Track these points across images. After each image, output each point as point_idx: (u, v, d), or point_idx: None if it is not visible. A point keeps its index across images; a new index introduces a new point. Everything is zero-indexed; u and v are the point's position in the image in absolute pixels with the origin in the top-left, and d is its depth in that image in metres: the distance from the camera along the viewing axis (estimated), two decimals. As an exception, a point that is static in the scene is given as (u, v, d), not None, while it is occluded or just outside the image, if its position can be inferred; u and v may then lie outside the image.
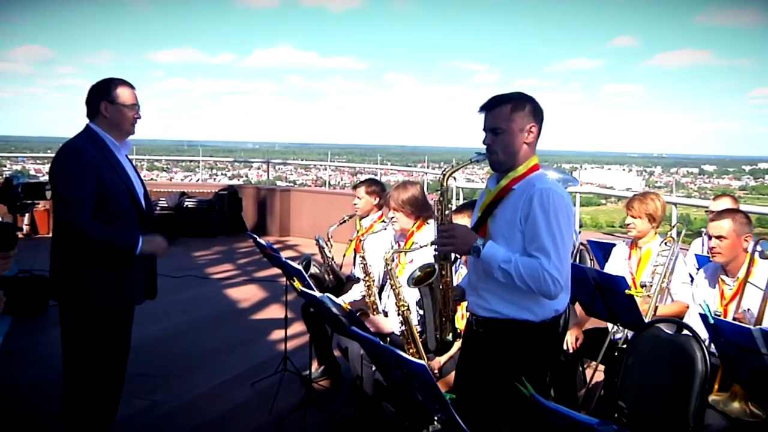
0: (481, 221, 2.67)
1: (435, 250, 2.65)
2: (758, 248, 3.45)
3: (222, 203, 11.92)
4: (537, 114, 2.64)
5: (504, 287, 2.55)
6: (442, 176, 2.62)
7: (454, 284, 2.79)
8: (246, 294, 7.63)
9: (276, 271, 5.82)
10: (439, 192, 2.63)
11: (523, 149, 2.61)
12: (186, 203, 11.60)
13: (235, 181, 19.10)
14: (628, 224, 4.09)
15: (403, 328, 3.64)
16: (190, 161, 22.32)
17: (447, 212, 2.62)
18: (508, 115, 2.58)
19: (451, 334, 2.66)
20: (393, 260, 3.82)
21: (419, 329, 2.80)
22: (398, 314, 3.67)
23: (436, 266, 2.60)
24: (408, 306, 3.63)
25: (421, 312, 2.76)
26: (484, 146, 2.63)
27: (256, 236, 4.71)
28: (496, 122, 2.59)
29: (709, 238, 3.53)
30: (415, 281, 2.68)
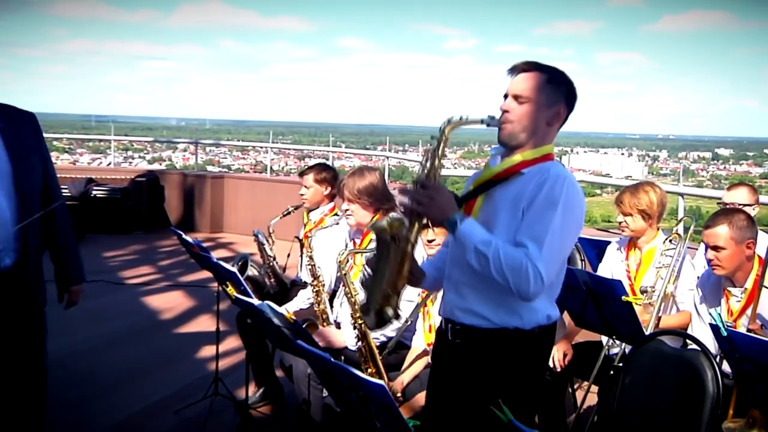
0: (471, 196, 2.65)
1: (403, 204, 2.58)
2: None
3: (139, 192, 11.75)
4: (571, 98, 2.66)
5: (489, 283, 2.51)
6: (446, 123, 2.54)
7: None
8: (169, 302, 7.56)
9: (205, 274, 5.75)
10: (436, 140, 2.55)
11: (542, 130, 2.62)
12: (94, 192, 11.39)
13: (155, 166, 18.88)
14: (620, 223, 4.16)
15: (360, 343, 3.64)
16: (100, 141, 21.96)
17: (438, 165, 2.54)
18: (541, 84, 2.59)
19: (392, 311, 2.55)
20: (347, 262, 3.82)
21: (361, 298, 2.69)
22: (354, 327, 3.67)
23: (405, 221, 2.52)
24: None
25: (369, 272, 2.66)
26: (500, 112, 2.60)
27: (181, 232, 4.66)
28: (524, 88, 2.59)
29: (706, 248, 3.59)
30: (378, 229, 2.57)
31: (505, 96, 2.63)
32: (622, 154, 51.97)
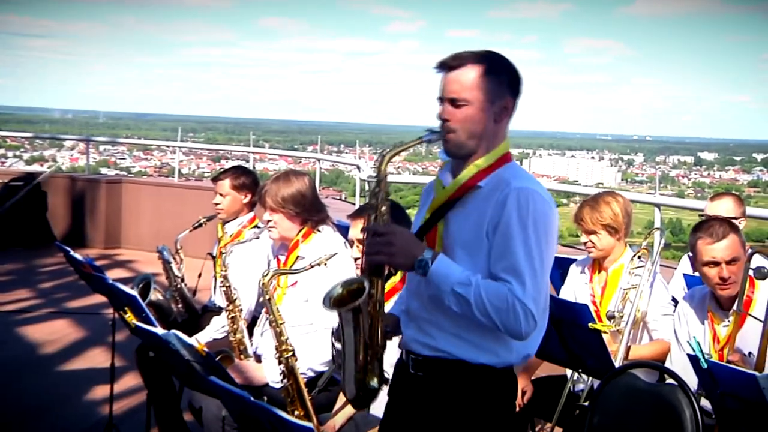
0: (429, 226, 2.71)
1: (362, 258, 2.65)
2: (752, 265, 3.60)
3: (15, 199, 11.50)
4: (515, 85, 2.71)
5: (458, 320, 2.59)
6: (379, 159, 2.64)
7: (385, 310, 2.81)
8: (53, 332, 7.43)
9: (98, 298, 5.68)
10: (375, 181, 2.64)
11: (492, 131, 2.67)
12: (-43, 199, 11.11)
13: (36, 167, 18.46)
14: (585, 243, 4.24)
15: (285, 380, 3.65)
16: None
17: (383, 209, 2.62)
18: (478, 80, 2.63)
19: (376, 379, 2.67)
20: (271, 284, 3.83)
21: (334, 372, 2.79)
22: (279, 361, 3.68)
23: (366, 283, 2.59)
24: (293, 351, 3.64)
25: (339, 346, 2.75)
26: (438, 121, 2.66)
27: (68, 249, 4.59)
28: (459, 89, 2.63)
29: (692, 265, 3.71)
30: (334, 302, 2.65)
31: (440, 99, 2.67)
32: (593, 157, 52.97)
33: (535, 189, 2.60)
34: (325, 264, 3.73)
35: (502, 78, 2.67)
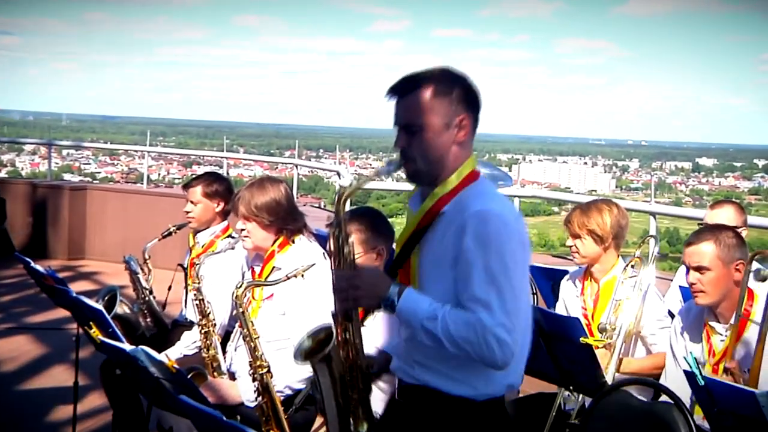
0: (403, 258, 2.75)
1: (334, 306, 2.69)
2: (752, 268, 3.64)
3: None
4: (470, 99, 2.74)
5: (433, 352, 2.63)
6: (337, 199, 2.69)
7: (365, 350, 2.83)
8: (12, 349, 7.40)
9: (61, 312, 5.66)
10: (333, 223, 2.68)
11: (452, 152, 2.71)
12: None
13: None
14: (571, 248, 4.29)
15: (261, 398, 3.65)
16: None
17: (346, 251, 2.67)
18: (428, 103, 2.67)
19: (365, 425, 2.71)
20: (245, 296, 3.84)
21: (311, 391, 2.86)
22: (253, 378, 3.68)
23: (333, 329, 2.67)
24: (268, 367, 3.65)
25: (319, 396, 2.81)
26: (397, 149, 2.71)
27: (29, 260, 4.58)
28: (411, 116, 2.67)
29: (687, 270, 3.74)
30: (304, 354, 2.74)
31: (397, 126, 2.72)
32: (585, 163, 53.25)
33: (491, 209, 2.62)
34: (303, 275, 3.75)
35: (453, 96, 2.69)
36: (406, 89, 2.69)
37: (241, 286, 3.77)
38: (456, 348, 2.52)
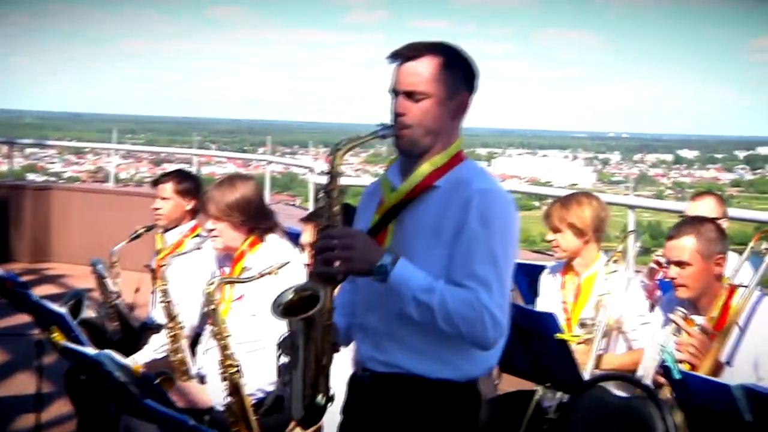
0: (379, 228, 2.74)
1: (315, 265, 2.63)
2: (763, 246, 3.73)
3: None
4: (472, 79, 2.77)
5: (419, 333, 2.63)
6: (333, 153, 2.64)
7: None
8: (-28, 356, 7.33)
9: (23, 318, 5.64)
10: (328, 177, 2.65)
11: (448, 126, 2.73)
12: None
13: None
14: (551, 242, 4.34)
15: (231, 399, 3.67)
16: None
17: (336, 209, 2.63)
18: (437, 73, 2.67)
19: (323, 396, 2.68)
20: (216, 294, 3.85)
21: (280, 391, 2.81)
22: (223, 377, 3.69)
23: (321, 292, 2.58)
24: (238, 367, 3.66)
25: (287, 359, 2.74)
26: (393, 115, 2.68)
27: (-11, 262, 4.57)
28: (417, 81, 2.66)
29: (668, 263, 3.78)
30: (284, 309, 2.62)
31: (394, 92, 2.70)
32: (566, 156, 53.48)
33: (498, 191, 2.67)
34: (276, 273, 3.75)
35: (458, 72, 2.72)
36: (413, 54, 2.68)
37: (213, 283, 3.77)
38: (448, 323, 2.53)
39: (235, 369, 3.64)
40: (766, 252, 3.76)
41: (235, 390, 3.63)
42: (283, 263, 3.80)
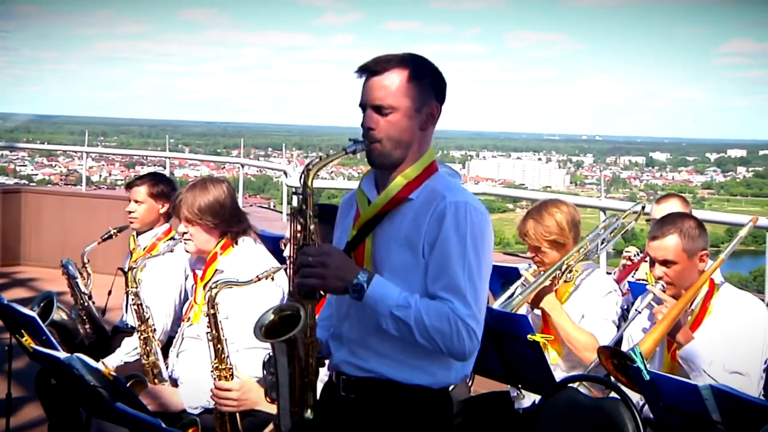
0: (357, 242, 2.77)
1: (292, 282, 2.69)
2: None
3: None
4: (440, 88, 2.80)
5: (393, 342, 2.66)
6: (304, 173, 2.67)
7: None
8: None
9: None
10: (299, 196, 2.67)
11: (418, 137, 2.75)
12: None
13: None
14: (533, 258, 4.30)
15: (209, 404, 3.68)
16: None
17: (311, 227, 2.66)
18: (403, 86, 2.70)
19: (310, 410, 2.73)
20: (217, 299, 3.83)
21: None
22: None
23: (302, 310, 2.63)
24: (233, 371, 3.67)
25: (272, 377, 2.78)
26: (362, 129, 2.72)
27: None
28: (384, 95, 2.69)
29: (651, 264, 3.81)
30: (266, 331, 2.67)
31: (362, 107, 2.74)
32: (539, 159, 53.79)
33: (470, 202, 2.70)
34: (272, 278, 3.77)
35: (426, 83, 2.75)
36: (382, 68, 2.70)
37: (215, 287, 3.75)
38: (425, 337, 2.57)
39: (230, 374, 3.64)
40: None
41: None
42: (278, 268, 3.82)
